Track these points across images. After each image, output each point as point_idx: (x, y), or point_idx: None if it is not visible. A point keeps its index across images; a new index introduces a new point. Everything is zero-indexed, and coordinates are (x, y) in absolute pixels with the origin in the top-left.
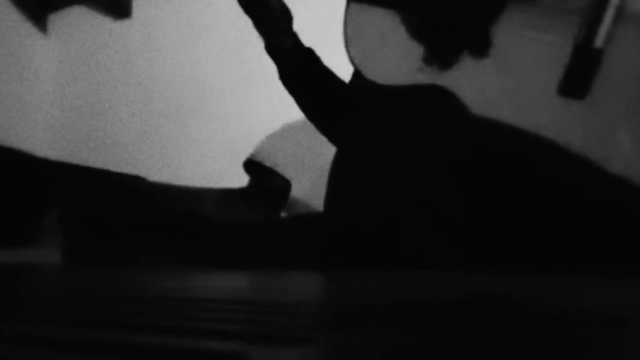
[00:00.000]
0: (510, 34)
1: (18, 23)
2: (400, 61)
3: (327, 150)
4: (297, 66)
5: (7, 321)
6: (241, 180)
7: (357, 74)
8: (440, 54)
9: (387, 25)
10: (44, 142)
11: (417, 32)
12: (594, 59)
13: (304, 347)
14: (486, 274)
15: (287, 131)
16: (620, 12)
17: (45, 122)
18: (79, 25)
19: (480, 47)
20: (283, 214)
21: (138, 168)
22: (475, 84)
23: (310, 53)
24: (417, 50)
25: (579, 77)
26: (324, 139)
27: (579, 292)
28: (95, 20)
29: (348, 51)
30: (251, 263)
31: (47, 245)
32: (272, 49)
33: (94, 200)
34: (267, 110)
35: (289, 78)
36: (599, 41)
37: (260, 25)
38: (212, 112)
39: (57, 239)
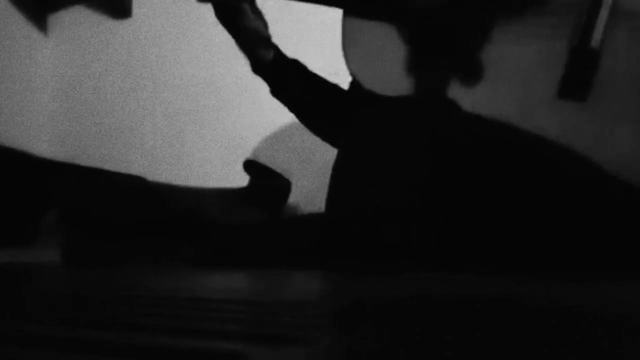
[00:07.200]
0: (502, 49)
1: (18, 23)
2: (397, 72)
3: (327, 150)
4: (284, 77)
5: (7, 321)
6: (241, 180)
7: (355, 82)
8: (433, 65)
9: (384, 37)
10: (44, 142)
11: (412, 42)
12: (592, 59)
13: (304, 347)
14: (485, 275)
15: (287, 131)
16: (614, 12)
17: (45, 122)
18: (79, 25)
19: (471, 74)
20: (283, 214)
21: (138, 168)
22: (472, 99)
23: (294, 62)
24: (413, 60)
25: (577, 78)
26: None
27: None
28: (95, 20)
29: (347, 63)
30: (251, 263)
31: (47, 245)
32: (257, 66)
33: (94, 200)
34: (268, 110)
35: (279, 91)
36: (595, 41)
37: (240, 39)
38: (213, 112)
39: (57, 239)
